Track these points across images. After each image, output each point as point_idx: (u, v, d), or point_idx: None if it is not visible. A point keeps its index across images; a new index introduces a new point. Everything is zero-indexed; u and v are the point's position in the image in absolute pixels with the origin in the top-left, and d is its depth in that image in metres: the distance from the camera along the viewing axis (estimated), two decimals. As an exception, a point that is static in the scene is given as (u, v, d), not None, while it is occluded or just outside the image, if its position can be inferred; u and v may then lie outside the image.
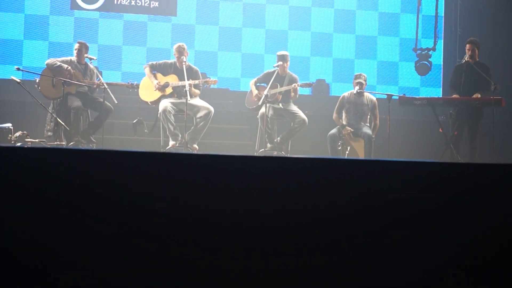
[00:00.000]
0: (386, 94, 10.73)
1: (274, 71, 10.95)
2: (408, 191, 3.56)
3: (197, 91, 10.69)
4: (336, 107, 11.15)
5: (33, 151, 3.61)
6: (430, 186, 3.57)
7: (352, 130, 10.86)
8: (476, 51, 10.56)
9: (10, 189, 3.27)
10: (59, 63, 10.56)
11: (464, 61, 10.52)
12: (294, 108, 11.04)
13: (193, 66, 10.98)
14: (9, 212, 3.25)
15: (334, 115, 11.12)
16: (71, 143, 10.30)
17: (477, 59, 10.58)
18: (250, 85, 11.28)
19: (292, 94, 10.90)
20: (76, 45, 10.89)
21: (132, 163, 3.40)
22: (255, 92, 11.05)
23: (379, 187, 3.53)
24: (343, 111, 11.11)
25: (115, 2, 13.44)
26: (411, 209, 3.55)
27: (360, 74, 11.13)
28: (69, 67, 10.51)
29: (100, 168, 3.35)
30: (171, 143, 10.49)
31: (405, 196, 3.54)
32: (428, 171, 3.67)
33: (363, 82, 10.95)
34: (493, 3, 13.72)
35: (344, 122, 11.00)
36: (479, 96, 10.22)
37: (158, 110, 10.56)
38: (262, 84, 11.11)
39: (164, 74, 10.80)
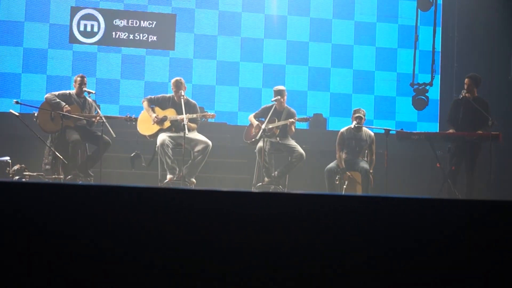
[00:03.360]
0: (383, 129, 10.74)
1: (272, 106, 10.98)
2: (406, 227, 3.56)
3: (193, 125, 10.71)
4: (336, 145, 11.07)
5: (30, 186, 3.61)
6: (428, 223, 3.57)
7: (350, 174, 10.86)
8: (475, 87, 10.57)
9: (7, 224, 3.26)
10: (58, 100, 10.56)
11: (462, 96, 10.52)
12: (291, 142, 11.05)
13: (191, 100, 11.02)
14: (6, 247, 3.24)
15: (338, 154, 11.04)
16: (69, 176, 10.30)
17: (476, 95, 10.59)
18: (249, 119, 11.30)
19: (289, 128, 10.92)
20: (78, 78, 10.90)
21: (130, 198, 3.41)
22: (255, 124, 11.07)
23: (377, 224, 3.53)
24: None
25: (113, 36, 13.51)
26: (409, 246, 3.54)
27: (359, 109, 11.14)
28: (67, 106, 10.51)
29: (98, 203, 3.35)
30: (169, 176, 10.49)
31: (403, 232, 3.54)
32: (426, 207, 3.67)
33: (362, 116, 10.95)
34: (490, 38, 13.79)
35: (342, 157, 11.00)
36: (480, 132, 10.22)
37: (156, 144, 10.57)
38: (260, 119, 11.13)
39: (162, 108, 10.83)
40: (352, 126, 10.97)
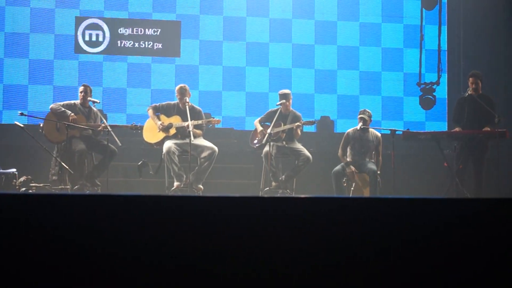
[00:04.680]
0: (390, 129, 10.71)
1: (277, 110, 10.97)
2: (414, 228, 3.53)
3: (199, 132, 10.70)
4: (341, 144, 11.11)
5: (37, 197, 3.60)
6: (437, 223, 3.55)
7: (355, 170, 10.82)
8: (480, 83, 10.53)
9: (16, 236, 3.26)
10: (63, 109, 10.60)
11: (467, 94, 10.48)
12: (298, 146, 11.03)
13: (196, 106, 11.03)
14: (14, 257, 3.23)
15: (340, 152, 11.08)
16: (76, 186, 10.30)
17: (480, 92, 10.55)
18: (255, 124, 11.29)
19: (296, 132, 10.89)
20: (81, 88, 10.93)
21: (137, 207, 3.39)
22: (260, 129, 11.05)
23: (387, 225, 3.51)
24: (348, 148, 11.07)
25: (119, 45, 13.51)
26: (419, 245, 3.52)
27: (364, 110, 11.11)
28: (72, 114, 10.53)
29: (106, 212, 3.34)
30: (176, 184, 10.49)
31: (412, 233, 3.52)
32: (434, 207, 3.64)
33: (366, 118, 10.92)
34: (495, 35, 13.74)
35: (348, 159, 10.97)
36: (488, 129, 10.18)
37: (162, 152, 10.56)
38: (266, 123, 11.11)
39: (168, 116, 10.83)
40: (358, 127, 10.94)
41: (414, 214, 3.58)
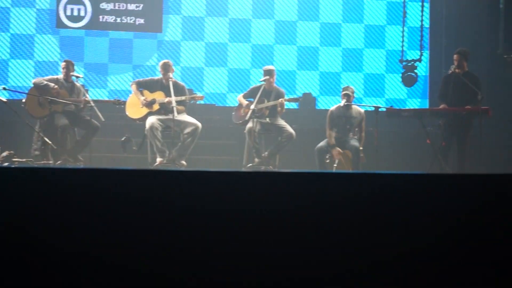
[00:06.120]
0: (373, 106, 10.75)
1: (261, 86, 10.96)
2: (397, 203, 3.55)
3: (182, 108, 10.67)
4: (327, 123, 11.06)
5: (20, 171, 3.60)
6: (420, 198, 3.57)
7: (341, 151, 10.83)
8: (464, 61, 10.56)
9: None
10: (45, 82, 10.54)
11: (450, 71, 10.51)
12: (281, 122, 11.03)
13: (179, 82, 11.01)
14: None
15: (328, 131, 11.02)
16: (59, 162, 10.26)
17: (466, 69, 10.58)
18: (238, 99, 11.28)
19: (279, 108, 10.90)
20: (63, 64, 10.88)
21: (120, 181, 3.39)
22: (245, 104, 11.04)
23: (369, 200, 3.52)
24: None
25: (100, 20, 13.42)
26: (400, 221, 3.54)
27: (348, 87, 11.13)
28: (56, 86, 10.48)
29: (88, 186, 3.34)
30: (159, 159, 10.47)
31: (394, 208, 3.54)
32: (416, 183, 3.66)
33: (350, 94, 10.93)
34: (478, 12, 13.75)
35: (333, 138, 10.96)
36: (469, 107, 10.22)
37: (145, 127, 10.53)
38: (249, 99, 11.10)
39: (151, 91, 10.79)
40: (342, 104, 10.95)
41: (396, 190, 3.60)
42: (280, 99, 10.84)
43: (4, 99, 10.01)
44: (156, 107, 10.69)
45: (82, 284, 3.26)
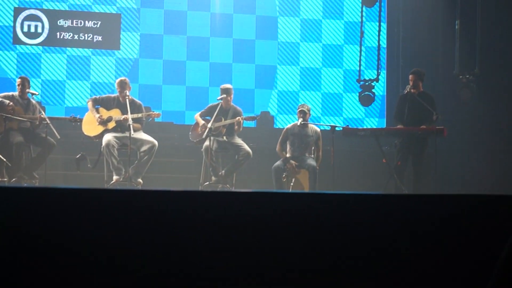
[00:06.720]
0: (330, 125, 10.82)
1: (218, 104, 10.95)
2: (353, 223, 3.56)
3: (138, 125, 10.63)
4: (279, 139, 11.16)
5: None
6: (375, 218, 3.58)
7: (296, 163, 10.88)
8: (419, 82, 10.65)
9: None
10: (0, 99, 10.43)
11: (406, 91, 10.60)
12: (238, 140, 11.04)
13: (136, 99, 10.97)
14: None
15: (278, 147, 11.12)
16: (13, 179, 10.16)
17: (421, 90, 10.67)
18: (195, 118, 11.26)
19: (236, 127, 10.91)
20: (18, 80, 10.78)
21: (76, 200, 3.37)
22: (201, 123, 11.03)
23: (325, 219, 3.53)
24: (287, 143, 11.11)
25: (58, 37, 13.36)
26: (357, 241, 3.55)
27: (303, 105, 11.19)
28: (11, 103, 10.38)
29: (43, 205, 3.31)
30: (115, 177, 10.41)
31: (350, 228, 3.55)
32: (372, 203, 3.68)
33: (306, 111, 10.97)
34: (434, 34, 13.91)
35: (288, 154, 11.01)
36: (424, 126, 10.30)
37: (102, 145, 10.48)
38: (207, 118, 11.09)
39: (107, 109, 10.74)
40: (298, 123, 10.99)
41: (352, 210, 3.61)
42: (238, 117, 10.85)
43: (-43, 116, 9.91)
44: (112, 124, 10.63)
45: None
